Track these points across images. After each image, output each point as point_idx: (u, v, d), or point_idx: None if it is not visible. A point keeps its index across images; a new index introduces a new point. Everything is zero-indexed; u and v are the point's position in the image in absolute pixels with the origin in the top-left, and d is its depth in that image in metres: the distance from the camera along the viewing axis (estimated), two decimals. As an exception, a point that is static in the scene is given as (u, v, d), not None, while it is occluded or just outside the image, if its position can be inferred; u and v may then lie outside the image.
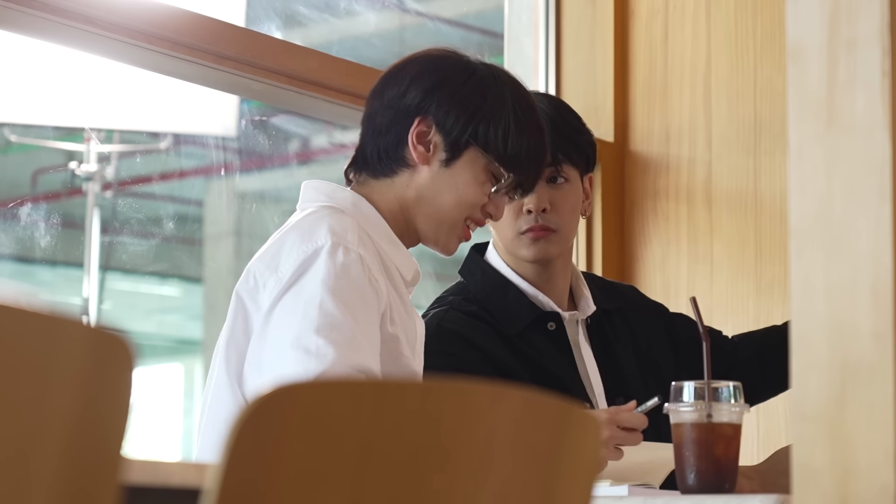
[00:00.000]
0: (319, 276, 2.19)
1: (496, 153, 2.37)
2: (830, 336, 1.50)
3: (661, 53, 4.02)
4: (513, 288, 2.85)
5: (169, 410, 5.55)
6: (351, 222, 2.27)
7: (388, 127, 2.38)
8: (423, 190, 2.37)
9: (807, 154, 1.55)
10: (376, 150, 2.39)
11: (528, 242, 2.81)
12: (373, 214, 2.37)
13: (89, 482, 1.01)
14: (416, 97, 2.37)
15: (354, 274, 2.21)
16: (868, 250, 1.50)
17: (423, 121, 2.36)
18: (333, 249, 2.22)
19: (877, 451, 1.46)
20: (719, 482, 2.19)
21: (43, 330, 0.94)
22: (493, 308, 2.81)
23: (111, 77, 4.17)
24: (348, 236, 2.24)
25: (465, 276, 2.90)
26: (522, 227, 2.81)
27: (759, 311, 3.81)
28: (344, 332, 2.16)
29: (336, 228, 2.24)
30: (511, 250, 2.85)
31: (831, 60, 1.55)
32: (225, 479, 1.04)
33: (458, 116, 2.36)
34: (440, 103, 2.36)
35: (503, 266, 2.87)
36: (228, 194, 4.88)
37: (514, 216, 2.81)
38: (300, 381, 1.07)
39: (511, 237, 2.83)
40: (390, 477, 1.11)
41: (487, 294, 2.84)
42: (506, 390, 1.16)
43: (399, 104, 2.38)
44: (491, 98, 2.37)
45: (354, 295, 2.20)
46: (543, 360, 2.78)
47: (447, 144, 2.36)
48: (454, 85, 2.38)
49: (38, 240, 4.03)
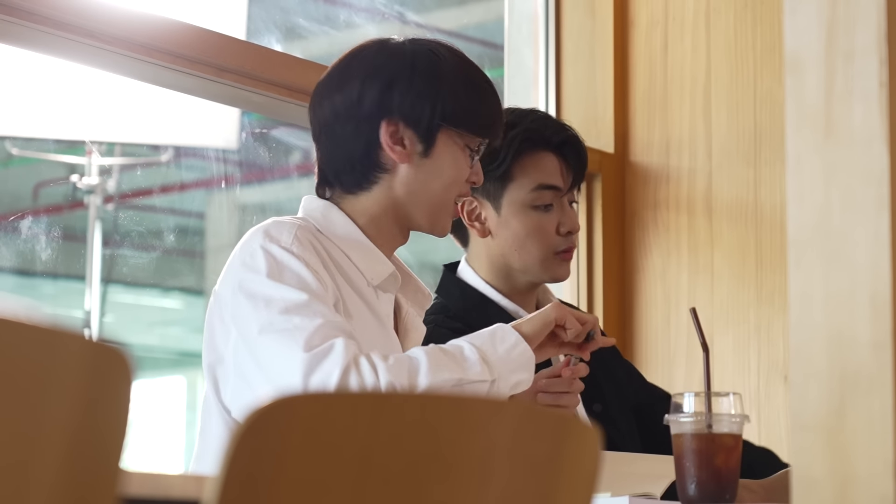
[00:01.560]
0: (262, 272, 2.21)
1: (467, 125, 2.37)
2: (829, 346, 1.50)
3: (660, 64, 4.03)
4: (492, 304, 2.86)
5: (172, 423, 5.54)
6: (290, 226, 2.29)
7: (354, 137, 2.37)
8: (411, 185, 2.37)
9: (805, 164, 1.55)
10: (347, 164, 2.38)
11: (560, 262, 2.83)
12: (341, 221, 2.37)
13: (88, 493, 1.01)
14: (373, 101, 2.36)
15: (292, 263, 2.23)
16: (866, 260, 1.50)
17: (390, 121, 2.36)
18: (267, 247, 2.24)
19: (876, 461, 1.46)
20: (720, 493, 2.19)
21: (42, 342, 0.94)
22: (476, 324, 2.82)
23: (112, 90, 4.17)
24: (282, 237, 2.26)
25: (443, 296, 2.90)
26: (560, 247, 2.83)
27: (760, 321, 3.81)
28: (309, 305, 2.17)
29: (271, 232, 2.27)
30: (532, 269, 2.84)
31: (829, 71, 1.55)
32: (224, 490, 1.05)
33: (422, 105, 2.35)
34: (401, 99, 2.35)
35: (480, 283, 2.88)
36: (230, 206, 4.89)
37: (544, 237, 2.82)
38: (299, 393, 1.07)
39: (541, 257, 2.83)
40: (390, 488, 1.11)
41: (468, 311, 2.84)
42: (504, 402, 1.16)
43: (358, 112, 2.36)
44: (442, 76, 2.37)
45: (298, 279, 2.21)
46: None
47: (420, 135, 2.36)
48: (405, 77, 2.36)
49: (39, 253, 4.03)
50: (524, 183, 2.83)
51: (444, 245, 3.18)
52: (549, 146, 2.84)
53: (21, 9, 2.74)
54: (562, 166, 2.84)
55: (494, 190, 2.84)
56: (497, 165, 2.82)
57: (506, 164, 2.82)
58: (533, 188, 2.82)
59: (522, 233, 2.83)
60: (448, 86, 2.36)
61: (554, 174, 2.83)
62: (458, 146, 2.38)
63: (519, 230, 2.83)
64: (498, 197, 2.84)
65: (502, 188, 2.84)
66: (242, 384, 2.23)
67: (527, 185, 2.82)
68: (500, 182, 2.83)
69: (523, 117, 2.88)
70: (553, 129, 2.87)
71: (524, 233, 2.83)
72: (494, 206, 2.85)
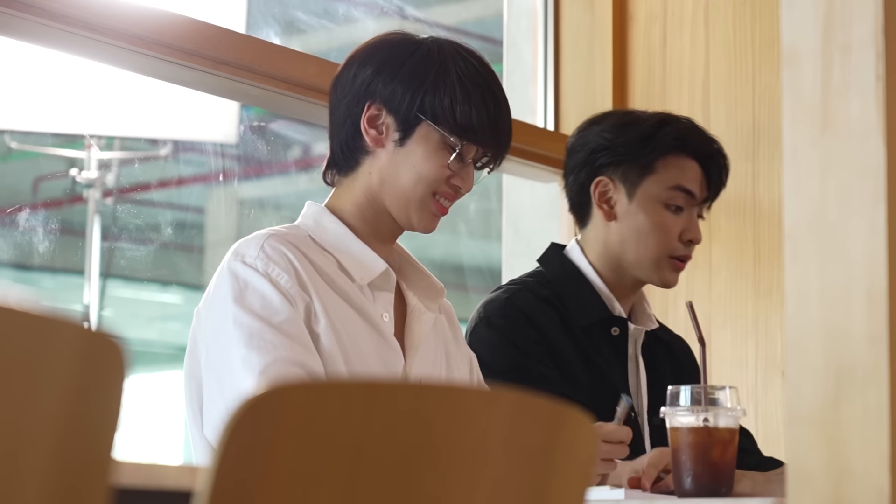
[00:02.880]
0: (229, 297, 2.24)
1: (446, 124, 2.35)
2: (825, 340, 1.50)
3: (659, 59, 4.03)
4: (589, 283, 2.87)
5: (170, 418, 5.54)
6: (258, 238, 2.30)
7: (344, 118, 2.40)
8: (383, 173, 2.38)
9: (801, 158, 1.55)
10: (339, 145, 2.41)
11: (673, 268, 2.84)
12: (332, 225, 2.39)
13: (80, 482, 1.01)
14: (363, 82, 2.37)
15: (255, 282, 2.25)
16: (862, 254, 1.50)
17: (373, 104, 2.37)
18: (233, 266, 2.27)
19: (871, 455, 1.46)
20: (716, 486, 2.20)
21: (35, 329, 0.94)
22: (567, 297, 2.84)
23: (111, 84, 4.17)
24: (249, 251, 2.28)
25: (543, 264, 2.93)
26: (677, 251, 2.84)
27: (758, 315, 3.81)
28: (265, 337, 2.19)
29: (240, 249, 2.30)
30: (644, 267, 2.85)
31: (826, 64, 1.55)
32: (217, 480, 1.05)
33: (404, 93, 2.35)
34: (385, 84, 2.36)
35: (584, 263, 2.89)
36: (228, 201, 4.88)
37: (666, 237, 2.83)
38: (291, 383, 1.07)
39: (656, 257, 2.84)
40: (383, 478, 1.11)
41: (563, 283, 2.86)
42: (498, 392, 1.16)
43: (349, 92, 2.39)
44: (434, 70, 2.36)
45: (261, 300, 2.23)
46: (600, 359, 2.81)
47: (398, 123, 2.36)
48: (396, 63, 2.37)
49: (38, 247, 4.03)
50: (664, 179, 2.84)
51: (441, 240, 3.18)
52: (697, 155, 2.87)
53: (19, 0, 2.74)
54: (702, 177, 2.86)
55: (633, 177, 2.85)
56: (644, 154, 2.84)
57: (652, 157, 2.84)
58: (670, 186, 2.84)
59: (647, 227, 2.84)
60: (437, 81, 2.35)
61: (694, 181, 2.85)
62: (438, 144, 2.36)
63: (644, 223, 2.84)
64: (635, 185, 2.85)
65: (641, 178, 2.85)
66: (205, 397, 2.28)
67: (665, 182, 2.84)
68: (641, 171, 2.85)
69: (678, 120, 2.90)
70: (705, 140, 2.90)
71: (648, 227, 2.84)
72: (628, 192, 2.86)
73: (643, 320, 2.92)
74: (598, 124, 2.92)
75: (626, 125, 2.88)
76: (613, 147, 2.86)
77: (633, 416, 2.81)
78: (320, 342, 2.26)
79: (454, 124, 2.36)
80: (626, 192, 2.86)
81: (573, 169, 2.92)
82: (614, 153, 2.86)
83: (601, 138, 2.88)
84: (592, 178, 2.88)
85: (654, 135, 2.84)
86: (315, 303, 2.28)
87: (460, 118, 2.36)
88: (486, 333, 2.74)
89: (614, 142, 2.86)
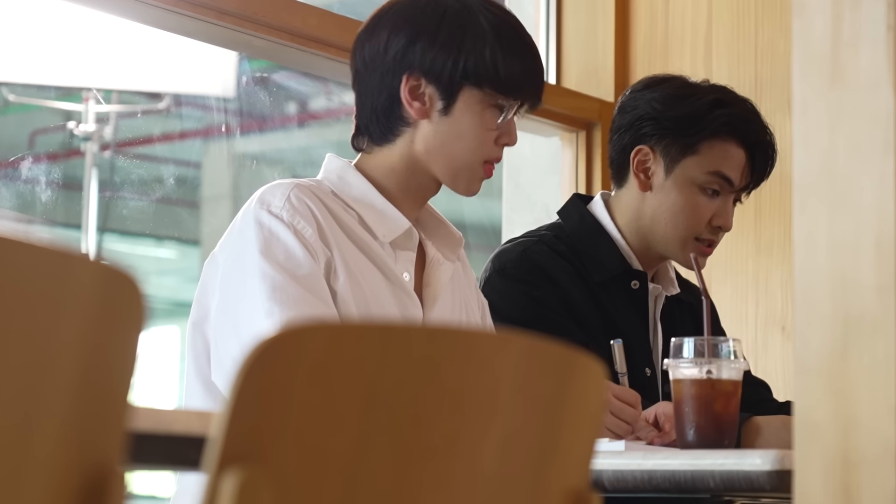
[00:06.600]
0: (254, 245, 2.23)
1: (492, 84, 2.32)
2: (833, 290, 1.50)
3: (662, 13, 4.01)
4: (608, 238, 2.82)
5: (165, 373, 5.55)
6: (284, 187, 2.28)
7: (378, 89, 2.35)
8: (429, 143, 2.34)
9: (811, 109, 1.55)
10: (373, 115, 2.36)
11: (699, 252, 2.75)
12: (356, 181, 2.36)
13: (97, 423, 1.01)
14: (397, 53, 2.33)
15: (280, 233, 2.23)
16: (871, 204, 1.49)
17: (412, 75, 2.32)
18: (258, 214, 2.25)
19: (879, 405, 1.46)
20: (718, 438, 2.20)
21: (54, 263, 0.94)
22: (584, 251, 2.79)
23: (111, 36, 4.15)
24: (274, 200, 2.26)
25: (562, 217, 2.88)
26: (704, 235, 2.78)
27: (759, 271, 3.81)
28: (288, 291, 2.19)
29: (265, 196, 2.27)
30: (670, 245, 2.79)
31: (836, 15, 1.54)
32: (231, 423, 1.04)
33: (444, 61, 2.31)
34: (423, 53, 2.32)
35: (606, 218, 2.84)
36: (227, 156, 4.87)
37: (696, 219, 2.77)
38: (306, 325, 1.07)
39: (683, 238, 2.78)
40: (395, 421, 1.11)
41: (581, 237, 2.82)
42: (511, 336, 1.16)
43: (382, 63, 2.34)
44: (469, 31, 2.32)
45: (285, 252, 2.22)
46: (618, 314, 2.76)
47: (441, 92, 2.32)
48: (430, 30, 2.32)
49: (35, 200, 4.02)
50: (705, 162, 2.77)
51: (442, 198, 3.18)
52: (745, 142, 2.79)
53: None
54: (746, 165, 2.79)
55: (675, 154, 2.78)
56: (689, 134, 2.77)
57: (697, 138, 2.77)
58: (710, 171, 2.77)
59: (679, 206, 2.78)
60: (475, 43, 2.31)
61: (735, 168, 2.78)
62: (484, 106, 2.33)
63: (677, 202, 2.78)
64: (675, 161, 2.78)
65: (682, 156, 2.78)
66: (218, 342, 2.25)
67: (705, 166, 2.77)
68: (683, 150, 2.77)
69: (735, 103, 2.82)
70: (756, 127, 2.81)
71: (680, 207, 2.77)
72: (667, 167, 2.79)
73: (665, 284, 2.88)
74: (652, 89, 2.84)
75: (679, 98, 2.80)
76: (660, 119, 2.79)
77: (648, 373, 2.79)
78: (338, 298, 2.25)
79: (499, 84, 2.32)
80: (664, 167, 2.79)
81: (618, 129, 2.85)
82: (659, 126, 2.79)
83: (650, 107, 2.81)
84: (634, 144, 2.81)
85: (705, 116, 2.75)
86: (336, 258, 2.26)
87: (505, 75, 2.32)
88: (502, 284, 2.70)
89: (662, 114, 2.79)
